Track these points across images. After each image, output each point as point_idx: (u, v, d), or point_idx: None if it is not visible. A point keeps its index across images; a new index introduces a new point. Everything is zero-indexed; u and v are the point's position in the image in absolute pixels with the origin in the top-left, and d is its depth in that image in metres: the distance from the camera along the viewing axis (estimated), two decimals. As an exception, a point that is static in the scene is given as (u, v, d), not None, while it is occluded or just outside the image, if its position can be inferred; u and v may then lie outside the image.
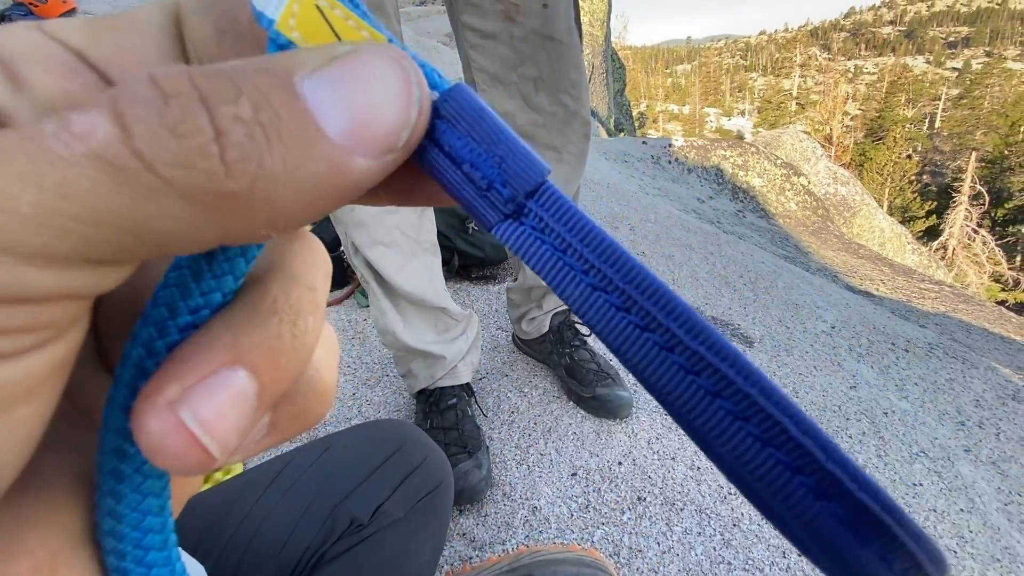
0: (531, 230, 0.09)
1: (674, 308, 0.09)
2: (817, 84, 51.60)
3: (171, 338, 0.09)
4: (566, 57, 0.78)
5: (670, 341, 0.09)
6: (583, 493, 0.98)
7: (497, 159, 0.09)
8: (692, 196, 3.97)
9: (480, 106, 0.09)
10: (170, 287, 0.09)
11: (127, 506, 0.10)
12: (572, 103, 0.83)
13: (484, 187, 0.09)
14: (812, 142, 7.23)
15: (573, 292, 0.09)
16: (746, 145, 5.18)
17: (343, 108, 0.08)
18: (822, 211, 5.04)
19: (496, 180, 0.09)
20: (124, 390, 0.09)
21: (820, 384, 1.28)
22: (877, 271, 3.47)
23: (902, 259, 5.47)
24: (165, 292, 0.09)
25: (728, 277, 1.79)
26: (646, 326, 0.09)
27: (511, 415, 1.17)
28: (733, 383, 0.09)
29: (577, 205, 0.10)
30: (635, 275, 0.09)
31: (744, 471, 0.08)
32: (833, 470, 0.08)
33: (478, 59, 0.80)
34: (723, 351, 0.09)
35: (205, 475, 0.10)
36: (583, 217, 0.10)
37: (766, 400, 0.08)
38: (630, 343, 0.09)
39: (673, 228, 2.15)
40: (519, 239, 0.10)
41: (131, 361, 0.09)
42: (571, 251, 0.09)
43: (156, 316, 0.09)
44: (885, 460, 1.08)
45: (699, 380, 0.09)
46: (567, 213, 0.09)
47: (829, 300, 1.74)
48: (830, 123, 22.77)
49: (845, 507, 0.08)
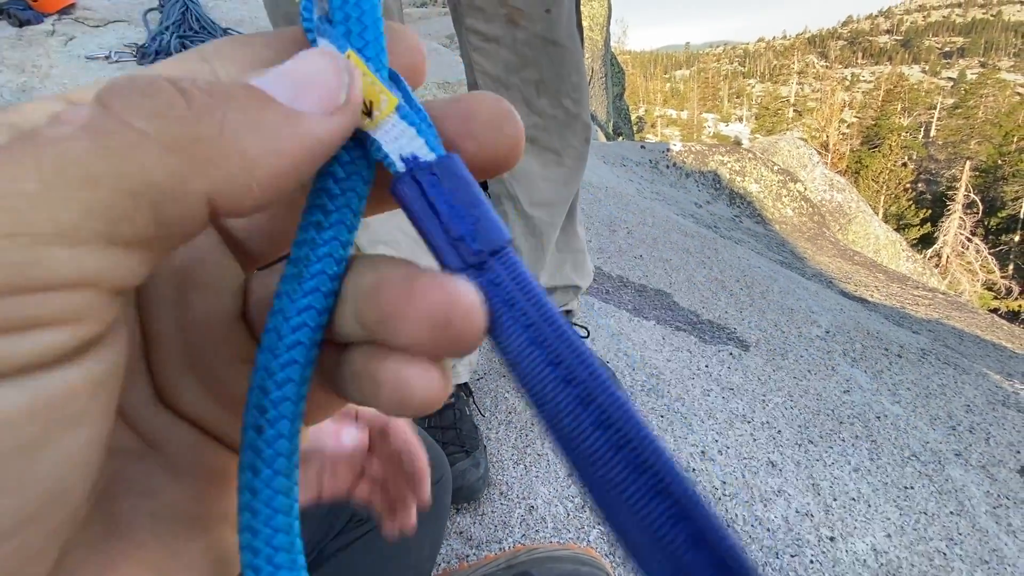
0: (487, 282, 0.11)
1: (593, 370, 0.10)
2: (814, 91, 51.96)
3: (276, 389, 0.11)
4: (568, 61, 0.79)
5: (587, 397, 0.10)
6: (580, 493, 0.99)
7: (473, 218, 0.11)
8: (689, 201, 3.99)
9: (467, 175, 0.11)
10: (275, 313, 0.11)
11: (261, 501, 0.11)
12: (573, 106, 0.84)
13: (455, 237, 0.11)
14: (809, 149, 7.28)
15: (512, 342, 0.11)
16: (743, 151, 5.21)
17: (286, 82, 0.10)
18: (818, 217, 5.08)
19: (467, 235, 0.11)
20: (255, 392, 0.11)
21: (815, 388, 1.30)
22: (872, 277, 3.50)
23: (896, 266, 5.51)
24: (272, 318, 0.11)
25: (725, 281, 1.81)
26: (569, 381, 0.10)
27: (509, 415, 1.18)
28: (633, 440, 0.10)
29: (533, 278, 0.11)
30: (566, 336, 0.11)
31: (632, 518, 0.10)
32: (709, 523, 0.10)
33: (481, 62, 0.81)
34: (626, 410, 0.10)
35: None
36: (532, 281, 0.11)
37: (657, 457, 0.10)
38: (552, 394, 0.10)
39: (671, 232, 2.16)
40: (482, 287, 0.11)
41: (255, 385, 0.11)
42: (517, 307, 0.11)
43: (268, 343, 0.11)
44: (877, 463, 1.09)
45: (606, 434, 0.10)
46: (520, 275, 0.11)
47: (824, 305, 1.75)
48: (827, 130, 22.93)
49: (714, 557, 0.10)
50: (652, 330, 1.48)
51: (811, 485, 1.02)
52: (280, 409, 0.11)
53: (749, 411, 1.20)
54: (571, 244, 1.09)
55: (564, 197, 0.96)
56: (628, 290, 1.71)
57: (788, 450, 1.10)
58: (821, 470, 1.06)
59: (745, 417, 1.18)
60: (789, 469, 1.05)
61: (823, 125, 23.28)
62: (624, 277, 1.80)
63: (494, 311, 0.11)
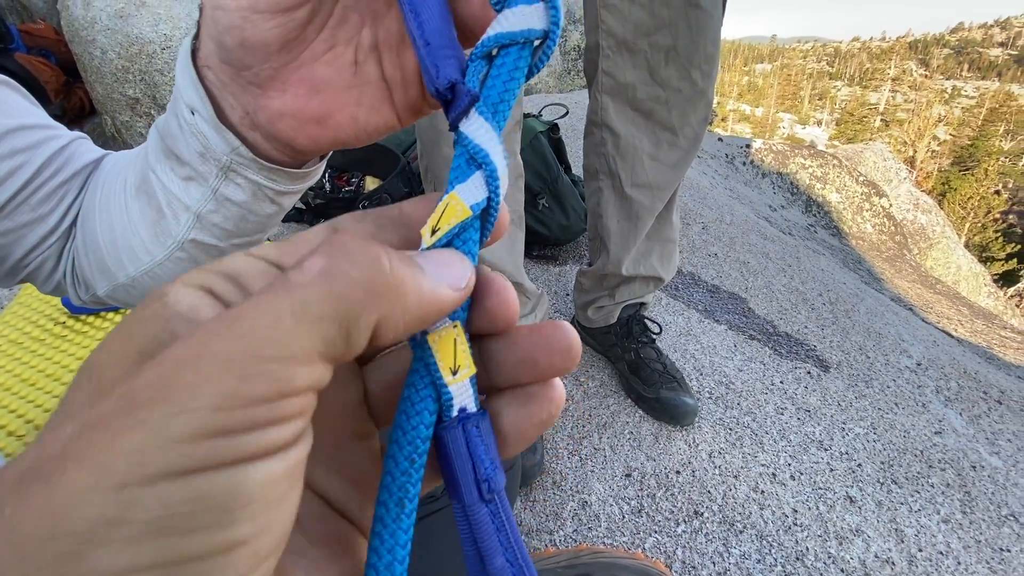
0: (489, 512, 0.15)
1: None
2: (907, 101, 48.10)
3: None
4: (707, 28, 0.70)
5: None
6: (636, 496, 0.94)
7: (496, 466, 0.15)
8: (764, 203, 3.77)
9: (491, 429, 0.16)
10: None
11: (386, 545, 0.14)
12: (702, 80, 0.75)
13: (482, 479, 0.14)
14: (897, 162, 6.75)
15: (493, 551, 0.15)
16: (828, 156, 4.86)
17: (435, 262, 0.14)
18: (899, 238, 4.71)
19: (491, 478, 0.15)
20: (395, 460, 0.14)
21: (901, 424, 1.18)
22: (955, 310, 3.22)
23: (976, 300, 5.09)
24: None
25: (806, 294, 1.68)
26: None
27: (565, 402, 1.13)
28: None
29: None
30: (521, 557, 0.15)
31: None
32: None
33: (608, 20, 0.73)
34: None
35: None
36: (513, 520, 0.15)
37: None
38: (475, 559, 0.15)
39: (750, 233, 2.03)
40: (482, 516, 0.15)
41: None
42: (503, 533, 0.15)
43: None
44: (970, 518, 0.98)
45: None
46: (508, 512, 0.15)
47: (916, 335, 1.60)
48: (916, 145, 21.24)
49: None
50: (723, 335, 1.39)
51: (894, 530, 0.93)
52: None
53: (827, 438, 1.11)
54: (663, 233, 1.01)
55: (670, 182, 0.87)
56: (700, 289, 1.61)
57: (869, 487, 1.01)
58: (906, 515, 0.96)
59: (822, 444, 1.09)
60: (869, 508, 0.96)
61: (912, 139, 21.54)
62: (696, 275, 1.70)
63: (490, 531, 0.14)
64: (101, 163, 0.37)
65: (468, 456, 0.14)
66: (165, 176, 0.30)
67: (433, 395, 0.14)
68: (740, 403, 1.15)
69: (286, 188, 0.30)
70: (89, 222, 0.34)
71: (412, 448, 0.14)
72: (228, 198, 0.29)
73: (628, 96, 0.79)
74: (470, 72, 0.16)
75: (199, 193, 0.29)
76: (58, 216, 0.35)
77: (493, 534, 0.14)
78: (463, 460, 0.14)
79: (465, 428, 0.14)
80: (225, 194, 0.29)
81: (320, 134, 0.25)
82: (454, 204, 0.15)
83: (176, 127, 0.28)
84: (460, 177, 0.15)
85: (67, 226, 0.35)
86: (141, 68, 2.36)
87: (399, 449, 0.14)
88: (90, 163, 0.36)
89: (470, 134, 0.16)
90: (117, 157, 0.37)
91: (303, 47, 0.23)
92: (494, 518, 0.14)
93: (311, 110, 0.25)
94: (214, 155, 0.27)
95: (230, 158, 0.27)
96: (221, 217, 0.30)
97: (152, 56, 2.34)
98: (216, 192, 0.29)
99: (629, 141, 0.83)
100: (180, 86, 0.27)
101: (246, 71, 0.24)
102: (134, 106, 2.43)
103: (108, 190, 0.34)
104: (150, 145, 0.31)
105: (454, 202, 0.15)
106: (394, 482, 0.14)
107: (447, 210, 0.15)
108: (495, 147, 0.16)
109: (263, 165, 0.28)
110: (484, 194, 0.15)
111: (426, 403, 0.14)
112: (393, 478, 0.14)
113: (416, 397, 0.14)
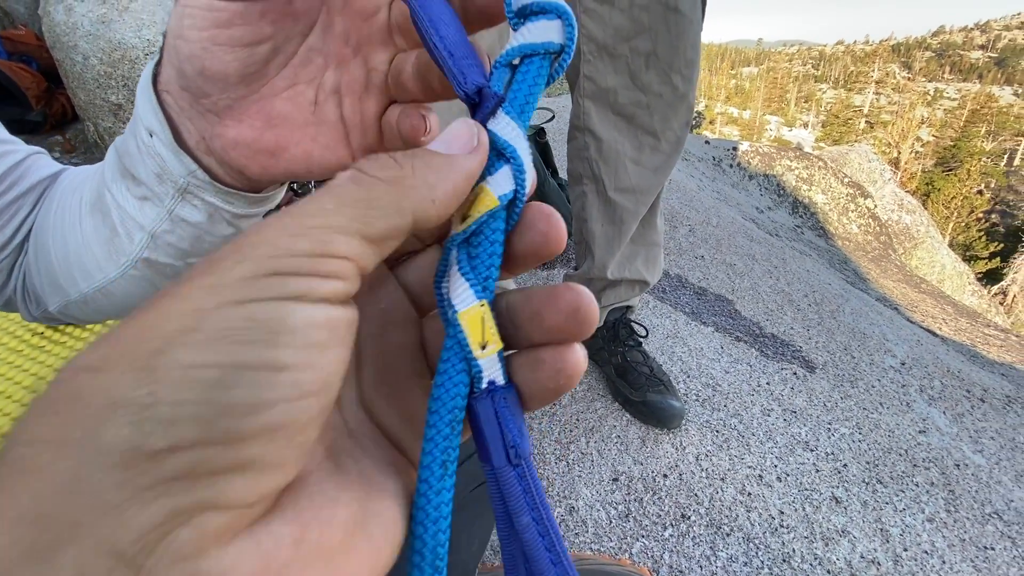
0: (517, 475, 0.16)
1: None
2: (891, 103, 48.82)
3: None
4: (687, 33, 0.71)
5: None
6: (624, 500, 0.93)
7: (522, 433, 0.16)
8: (751, 204, 3.80)
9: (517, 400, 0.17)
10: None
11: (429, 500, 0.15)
12: (683, 84, 0.75)
13: (510, 445, 0.16)
14: (881, 163, 6.85)
15: (520, 510, 0.16)
16: (813, 158, 4.92)
17: (441, 140, 0.16)
18: (884, 238, 4.77)
19: (517, 444, 0.16)
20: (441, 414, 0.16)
21: (886, 423, 1.19)
22: (939, 309, 3.27)
23: (960, 299, 5.16)
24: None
25: (792, 295, 1.69)
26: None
27: (552, 407, 1.13)
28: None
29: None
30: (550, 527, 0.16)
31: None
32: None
33: (589, 26, 0.73)
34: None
35: None
36: (539, 483, 0.16)
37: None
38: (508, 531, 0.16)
39: (736, 235, 2.04)
40: (510, 479, 0.16)
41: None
42: (529, 495, 0.16)
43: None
44: (954, 516, 0.99)
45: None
46: (535, 477, 0.16)
47: (899, 335, 1.62)
48: (900, 146, 21.56)
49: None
50: (710, 337, 1.39)
51: (879, 530, 0.93)
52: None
53: (813, 439, 1.11)
54: (647, 236, 1.01)
55: (653, 186, 0.87)
56: (687, 291, 1.62)
57: (854, 488, 1.01)
58: (891, 515, 0.97)
59: (808, 445, 1.09)
60: (855, 509, 0.97)
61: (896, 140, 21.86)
62: (683, 277, 1.70)
63: (517, 493, 0.16)
64: (58, 178, 0.36)
65: (497, 425, 0.15)
66: (120, 195, 0.30)
67: (465, 368, 0.16)
68: (727, 405, 1.16)
69: (244, 211, 0.30)
70: (42, 238, 0.34)
71: (452, 416, 0.15)
72: (184, 219, 0.29)
73: (610, 101, 0.79)
74: (493, 78, 0.18)
75: (154, 213, 0.29)
76: (11, 231, 0.34)
77: (520, 495, 0.15)
78: (492, 428, 0.15)
79: (494, 399, 0.16)
80: (181, 215, 0.29)
81: (273, 165, 0.26)
82: (484, 195, 0.17)
83: (134, 147, 0.28)
84: (490, 170, 0.17)
85: (19, 241, 0.35)
86: (124, 74, 2.33)
87: (440, 418, 0.15)
88: (46, 178, 0.36)
89: (499, 131, 0.17)
90: (75, 173, 0.36)
91: (263, 81, 0.25)
92: (521, 480, 0.15)
93: (265, 142, 0.26)
94: (171, 177, 0.28)
95: (187, 180, 0.28)
96: (176, 237, 0.30)
97: (135, 62, 2.32)
98: (172, 213, 0.29)
99: (612, 145, 0.83)
100: (140, 109, 0.27)
101: (204, 99, 0.25)
102: (117, 112, 2.40)
103: (63, 206, 0.34)
104: (107, 164, 0.31)
105: (484, 193, 0.17)
106: (436, 447, 0.15)
107: (477, 200, 0.17)
108: (522, 143, 0.17)
109: (219, 188, 0.28)
110: (512, 186, 0.17)
111: (461, 376, 0.16)
112: (435, 444, 0.15)
113: (452, 371, 0.16)
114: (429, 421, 0.16)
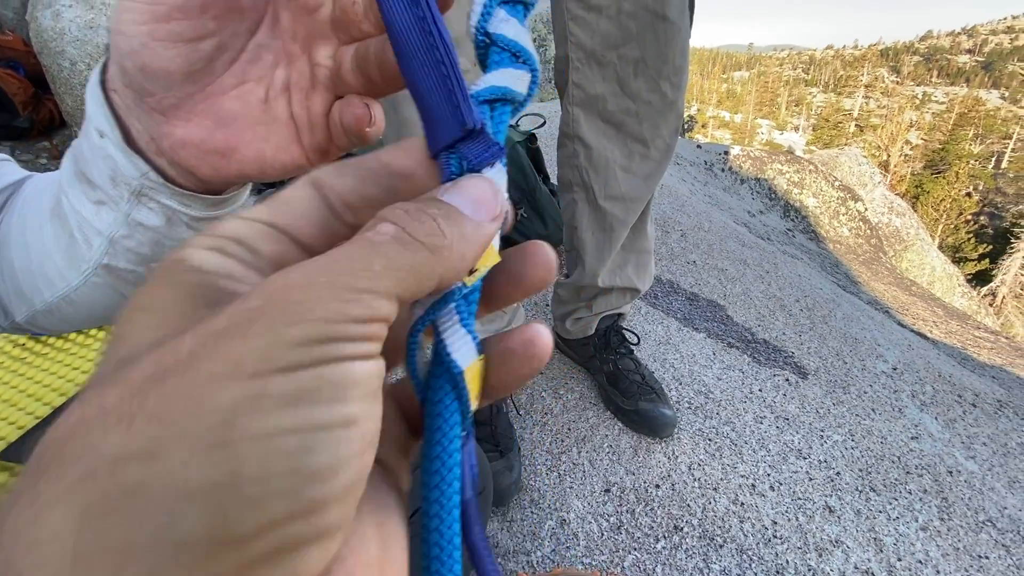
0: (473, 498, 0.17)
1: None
2: (880, 107, 49.32)
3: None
4: (675, 40, 0.70)
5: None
6: (616, 512, 0.92)
7: (475, 483, 0.17)
8: (743, 208, 3.81)
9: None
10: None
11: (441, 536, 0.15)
12: (671, 92, 0.75)
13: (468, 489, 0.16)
14: (871, 167, 6.90)
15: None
16: (804, 162, 4.95)
17: (467, 200, 0.15)
18: (875, 241, 4.81)
19: (471, 499, 0.16)
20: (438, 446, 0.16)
21: (878, 429, 1.19)
22: (930, 311, 3.28)
23: (950, 301, 5.20)
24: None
25: (784, 300, 1.69)
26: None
27: (544, 416, 1.12)
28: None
29: None
30: None
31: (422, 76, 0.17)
32: None
33: (577, 33, 0.72)
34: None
35: None
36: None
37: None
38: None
39: (727, 240, 2.04)
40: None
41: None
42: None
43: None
44: (948, 524, 0.99)
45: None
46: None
47: (891, 339, 1.62)
48: (889, 149, 21.77)
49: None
50: (702, 343, 1.39)
51: (873, 539, 0.93)
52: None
53: (805, 446, 1.11)
54: (638, 244, 1.00)
55: (643, 193, 0.87)
56: (679, 297, 1.62)
57: (847, 496, 1.00)
58: (884, 523, 0.96)
59: (801, 452, 1.09)
60: (848, 517, 0.96)
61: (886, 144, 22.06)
62: (675, 283, 1.70)
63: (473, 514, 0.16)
64: (22, 185, 0.35)
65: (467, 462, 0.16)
66: (76, 200, 0.29)
67: (460, 421, 0.16)
68: (719, 413, 1.15)
69: (203, 214, 0.29)
70: (5, 246, 0.33)
71: (452, 475, 0.15)
72: (141, 223, 0.28)
73: (599, 108, 0.78)
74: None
75: (110, 218, 0.28)
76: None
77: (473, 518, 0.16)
78: (465, 467, 0.16)
79: (468, 439, 0.16)
80: (138, 219, 0.28)
81: (224, 166, 0.25)
82: (489, 248, 0.17)
83: (87, 150, 0.27)
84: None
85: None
86: (111, 79, 2.31)
87: (448, 471, 0.15)
88: (9, 185, 0.35)
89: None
90: (38, 179, 0.35)
91: (210, 79, 0.24)
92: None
93: (215, 142, 0.25)
94: (124, 179, 0.27)
95: (140, 183, 0.27)
96: (135, 242, 0.29)
97: (122, 67, 2.30)
98: (128, 217, 0.28)
99: (601, 153, 0.82)
100: (89, 108, 0.26)
101: (149, 97, 0.24)
102: (104, 118, 2.37)
103: (24, 213, 0.33)
104: (63, 168, 0.30)
105: (489, 246, 0.18)
106: (442, 495, 0.15)
107: (484, 253, 0.18)
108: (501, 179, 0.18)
109: (174, 190, 0.27)
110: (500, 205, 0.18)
111: (456, 430, 0.16)
112: (442, 505, 0.15)
113: (451, 425, 0.16)
114: (430, 468, 0.15)
